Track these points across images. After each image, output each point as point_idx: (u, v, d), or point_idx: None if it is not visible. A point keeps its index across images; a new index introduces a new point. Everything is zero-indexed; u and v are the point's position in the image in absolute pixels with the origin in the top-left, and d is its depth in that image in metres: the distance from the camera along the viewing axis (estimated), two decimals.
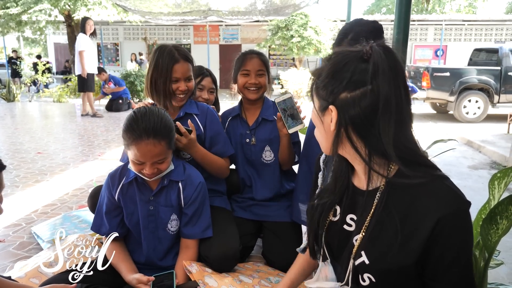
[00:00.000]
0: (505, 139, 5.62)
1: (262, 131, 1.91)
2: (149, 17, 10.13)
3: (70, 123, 6.59)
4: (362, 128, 0.78)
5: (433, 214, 0.73)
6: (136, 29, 17.12)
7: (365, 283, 0.83)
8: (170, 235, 1.57)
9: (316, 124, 0.86)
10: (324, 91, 0.80)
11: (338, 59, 0.80)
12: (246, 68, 1.84)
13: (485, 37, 15.69)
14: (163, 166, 1.44)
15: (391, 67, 0.75)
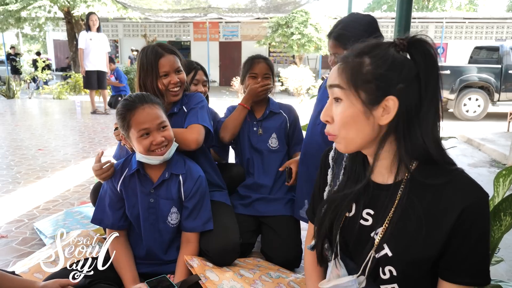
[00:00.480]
0: (505, 137, 5.62)
1: (268, 122, 2.07)
2: (149, 14, 10.11)
3: (70, 120, 6.59)
4: (411, 120, 0.79)
5: (457, 204, 0.76)
6: (136, 26, 17.11)
7: (385, 277, 0.84)
8: (170, 228, 1.58)
9: (356, 120, 0.81)
10: (376, 84, 0.78)
11: (383, 52, 0.79)
12: (254, 71, 2.02)
13: (486, 35, 15.68)
14: (168, 134, 1.47)
15: (433, 55, 0.79)
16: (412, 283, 0.83)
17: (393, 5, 25.21)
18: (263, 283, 1.46)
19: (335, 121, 0.84)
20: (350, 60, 0.82)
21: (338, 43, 1.60)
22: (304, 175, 1.82)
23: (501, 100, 7.84)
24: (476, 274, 0.79)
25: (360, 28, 1.63)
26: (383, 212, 0.84)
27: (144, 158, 1.47)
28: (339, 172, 0.99)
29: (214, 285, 1.39)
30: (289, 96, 11.02)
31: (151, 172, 1.55)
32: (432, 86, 0.78)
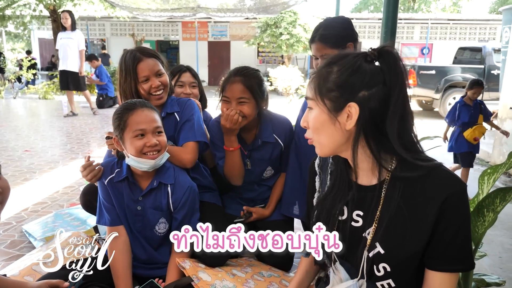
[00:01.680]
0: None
1: (261, 152, 1.82)
2: (137, 13, 10.03)
3: (57, 120, 6.51)
4: (376, 124, 0.83)
5: (439, 196, 0.80)
6: (124, 25, 16.93)
7: (380, 273, 0.87)
8: (158, 236, 1.57)
9: (324, 126, 0.87)
10: (339, 91, 0.83)
11: (349, 62, 0.84)
12: (225, 94, 1.68)
13: (469, 36, 15.98)
14: (163, 140, 1.47)
15: (398, 66, 0.83)
16: (405, 276, 0.87)
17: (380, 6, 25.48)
18: (255, 282, 1.48)
19: (310, 127, 0.91)
20: (320, 70, 0.88)
21: (324, 43, 1.66)
22: (296, 172, 1.85)
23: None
24: (460, 261, 0.83)
25: (339, 26, 1.70)
26: (371, 212, 0.88)
27: (134, 161, 1.46)
28: (325, 178, 1.04)
29: (207, 285, 1.41)
30: (278, 96, 11.06)
31: (140, 180, 1.54)
32: (396, 92, 0.82)
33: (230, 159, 1.74)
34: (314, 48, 1.69)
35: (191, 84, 2.13)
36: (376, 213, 0.87)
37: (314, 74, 0.89)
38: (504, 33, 5.61)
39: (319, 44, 1.66)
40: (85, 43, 6.88)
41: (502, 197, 1.00)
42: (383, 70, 0.83)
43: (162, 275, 1.57)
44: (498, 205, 1.01)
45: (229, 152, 1.73)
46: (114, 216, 1.55)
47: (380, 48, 0.84)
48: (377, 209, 0.87)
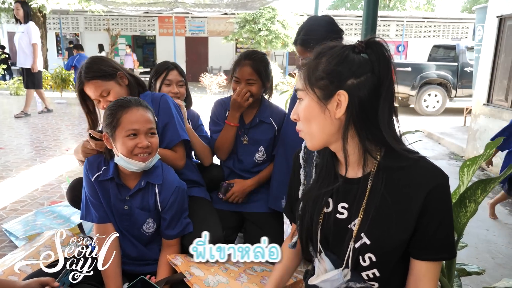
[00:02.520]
0: (462, 131, 5.97)
1: (257, 131, 1.94)
2: (112, 7, 9.81)
3: (31, 117, 6.31)
4: (366, 113, 0.84)
5: (424, 187, 0.83)
6: (98, 19, 16.52)
7: (365, 264, 0.89)
8: (145, 235, 1.56)
9: (314, 115, 0.88)
10: (328, 79, 0.84)
11: (337, 51, 0.85)
12: (236, 75, 1.85)
13: (443, 34, 16.44)
14: (155, 141, 1.44)
15: (387, 56, 0.84)
16: (390, 266, 0.89)
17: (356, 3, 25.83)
18: (248, 276, 1.49)
19: (300, 118, 0.91)
20: (309, 62, 0.89)
21: (304, 48, 1.71)
22: (283, 166, 1.88)
23: (458, 96, 8.30)
24: (443, 250, 0.86)
25: (322, 29, 1.74)
26: (357, 204, 0.90)
27: (123, 161, 1.42)
28: (310, 170, 1.04)
29: (200, 281, 1.41)
30: None
31: (126, 180, 1.51)
32: (386, 82, 0.84)
33: (226, 132, 1.89)
34: (297, 50, 1.75)
35: (178, 82, 2.08)
36: (362, 205, 0.89)
37: (304, 66, 0.90)
38: (478, 32, 5.81)
39: (300, 48, 1.72)
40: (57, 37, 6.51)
41: (483, 188, 1.05)
42: (371, 60, 0.84)
43: (152, 272, 1.56)
44: (479, 196, 1.06)
45: (229, 126, 1.87)
46: (102, 213, 1.52)
47: (368, 40, 0.86)
48: (363, 201, 0.89)
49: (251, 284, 1.44)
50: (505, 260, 2.26)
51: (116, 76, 1.69)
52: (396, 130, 0.87)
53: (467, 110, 6.52)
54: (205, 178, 1.98)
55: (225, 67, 15.96)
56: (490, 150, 1.12)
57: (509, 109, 3.90)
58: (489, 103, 4.31)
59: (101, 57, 1.77)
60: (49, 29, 15.38)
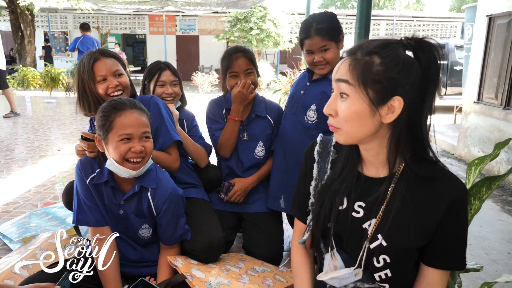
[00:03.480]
0: (453, 129, 6.04)
1: (254, 126, 1.95)
2: (102, 5, 9.70)
3: (21, 116, 6.20)
4: (413, 118, 0.83)
5: (447, 197, 0.83)
6: (87, 18, 16.30)
7: (379, 265, 0.89)
8: (143, 239, 1.53)
9: (361, 116, 0.84)
10: (387, 84, 0.81)
11: (393, 53, 0.82)
12: (234, 70, 1.86)
13: (432, 32, 16.62)
14: (149, 146, 1.39)
15: (438, 62, 0.82)
16: (403, 268, 0.90)
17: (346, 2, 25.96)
18: (250, 277, 1.49)
19: (339, 116, 0.86)
20: (359, 57, 0.84)
21: (322, 36, 1.67)
22: (282, 165, 1.87)
23: (447, 94, 8.39)
24: (456, 260, 0.88)
25: (331, 19, 1.72)
26: (377, 204, 0.88)
27: (114, 167, 1.37)
28: (325, 166, 1.02)
29: (201, 283, 1.40)
30: None
31: (122, 183, 1.47)
32: (434, 88, 0.82)
33: (230, 128, 1.89)
34: (310, 43, 1.69)
35: (172, 82, 2.03)
36: (382, 206, 0.88)
37: (352, 60, 0.84)
38: (467, 30, 5.88)
39: (317, 37, 1.66)
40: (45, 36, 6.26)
41: (488, 185, 1.06)
42: (421, 63, 0.82)
43: (152, 273, 1.54)
44: (484, 193, 1.07)
45: (232, 121, 1.88)
46: (99, 216, 1.47)
47: (420, 39, 0.83)
48: (384, 202, 0.88)
49: (253, 285, 1.44)
50: (499, 256, 2.29)
51: (125, 70, 1.70)
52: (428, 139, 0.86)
53: (457, 108, 6.60)
54: (202, 179, 1.96)
55: (216, 65, 15.87)
56: (498, 150, 1.13)
57: (499, 107, 3.96)
58: (479, 101, 4.36)
59: None
60: (37, 27, 15.15)
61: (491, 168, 4.00)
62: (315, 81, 1.79)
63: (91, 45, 7.16)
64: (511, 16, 3.81)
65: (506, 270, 2.11)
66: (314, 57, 1.70)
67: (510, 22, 3.82)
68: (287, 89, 5.93)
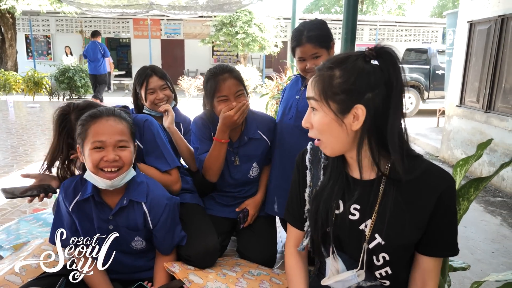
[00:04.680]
0: (436, 132, 6.18)
1: (247, 149, 1.85)
2: (86, 9, 9.60)
3: (3, 121, 6.09)
4: (379, 123, 0.87)
5: (435, 190, 0.88)
6: (70, 21, 16.08)
7: (379, 263, 0.94)
8: (135, 250, 1.50)
9: (330, 127, 0.89)
10: (346, 94, 0.86)
11: (352, 65, 0.87)
12: (223, 94, 1.68)
13: (414, 38, 16.96)
14: (125, 155, 1.30)
15: (398, 66, 0.87)
16: (401, 263, 0.94)
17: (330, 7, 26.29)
18: (247, 281, 1.51)
19: (314, 128, 0.93)
20: (322, 73, 0.90)
21: (313, 44, 1.69)
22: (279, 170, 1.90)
23: (430, 98, 8.59)
24: (449, 247, 0.93)
25: (322, 27, 1.76)
26: (370, 205, 0.93)
27: (90, 177, 1.32)
28: (317, 172, 1.06)
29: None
30: None
31: (108, 198, 1.40)
32: (397, 92, 0.87)
33: (216, 150, 1.74)
34: (302, 50, 1.72)
35: (161, 87, 2.01)
36: (375, 206, 0.92)
37: (316, 77, 0.91)
38: (449, 36, 6.05)
39: (308, 45, 1.69)
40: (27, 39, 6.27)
41: (475, 186, 1.11)
42: (383, 70, 0.86)
43: (148, 277, 1.54)
44: (472, 194, 1.13)
45: (218, 144, 1.73)
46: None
47: (379, 48, 0.88)
48: (376, 202, 0.92)
49: None
50: (483, 255, 2.36)
51: None
52: (405, 136, 0.90)
53: (440, 111, 6.76)
54: (196, 184, 1.97)
55: (201, 70, 15.88)
56: (481, 150, 1.18)
57: (481, 110, 4.08)
58: (461, 105, 4.49)
59: None
60: (19, 30, 14.87)
61: (474, 170, 4.12)
62: None
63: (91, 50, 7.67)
64: (491, 22, 3.95)
65: (491, 269, 2.18)
66: (306, 64, 1.73)
67: (490, 28, 3.96)
68: (274, 93, 5.97)
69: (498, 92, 3.88)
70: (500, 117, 3.80)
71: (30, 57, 15.94)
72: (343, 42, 2.58)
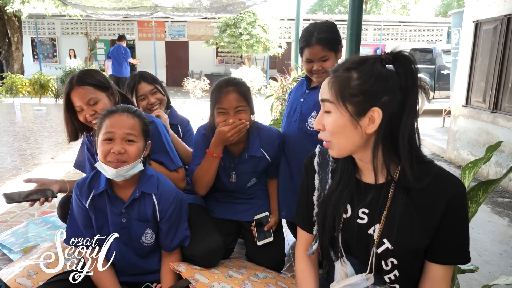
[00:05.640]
0: (441, 132, 6.15)
1: (246, 165, 1.81)
2: (91, 12, 9.66)
3: (10, 124, 6.14)
4: (392, 128, 0.87)
5: (445, 195, 0.87)
6: (75, 24, 16.20)
7: (387, 268, 0.93)
8: (145, 247, 1.53)
9: (345, 129, 0.89)
10: (364, 97, 0.86)
11: (370, 67, 0.87)
12: (222, 106, 1.64)
13: (418, 37, 16.90)
14: (131, 150, 1.37)
15: (414, 71, 0.87)
16: (410, 268, 0.94)
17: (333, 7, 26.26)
18: (253, 284, 1.51)
19: (327, 129, 0.92)
20: (339, 74, 0.90)
21: (322, 46, 1.69)
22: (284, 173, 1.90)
23: (435, 98, 8.55)
24: (460, 255, 0.91)
25: (332, 30, 1.75)
26: (378, 210, 0.93)
27: (100, 166, 1.39)
28: (326, 176, 1.06)
29: (205, 287, 1.42)
30: None
31: (121, 191, 1.47)
32: (412, 96, 0.87)
33: (208, 164, 1.71)
34: (311, 52, 1.71)
35: (151, 92, 2.04)
36: (384, 211, 0.91)
37: (332, 78, 0.91)
38: (454, 35, 6.02)
39: (318, 47, 1.69)
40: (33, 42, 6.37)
41: (484, 189, 1.11)
42: (399, 74, 0.87)
43: (156, 280, 1.56)
44: (481, 196, 1.12)
45: (211, 157, 1.69)
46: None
47: (396, 53, 0.88)
48: (385, 207, 0.91)
49: None
50: (491, 257, 2.35)
51: (108, 91, 1.67)
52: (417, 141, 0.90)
53: (445, 112, 6.72)
54: None
55: (206, 71, 15.92)
56: (490, 153, 1.18)
57: (487, 110, 4.06)
58: (467, 105, 4.47)
59: (96, 70, 1.76)
60: (25, 33, 14.99)
61: (481, 171, 4.09)
62: (314, 89, 1.83)
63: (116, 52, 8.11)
64: (497, 21, 3.92)
65: (499, 271, 2.17)
66: (313, 65, 1.73)
67: (496, 28, 3.94)
68: (278, 94, 5.97)
69: (505, 92, 3.85)
70: (507, 117, 3.77)
71: (36, 60, 16.06)
72: (348, 43, 2.58)
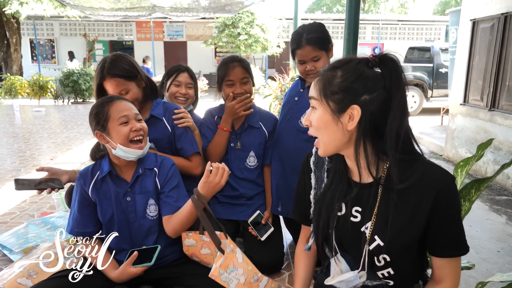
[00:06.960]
0: (440, 131, 6.17)
1: (247, 136, 2.00)
2: (90, 13, 9.67)
3: (10, 126, 6.15)
4: (376, 126, 0.89)
5: (431, 190, 0.88)
6: (74, 25, 16.20)
7: (380, 264, 0.95)
8: (150, 221, 1.57)
9: (327, 125, 0.93)
10: (344, 94, 0.89)
11: (353, 67, 0.90)
12: (230, 78, 1.89)
13: (417, 36, 16.92)
14: (144, 126, 1.53)
15: (399, 72, 0.89)
16: (403, 264, 0.95)
17: (332, 6, 26.27)
18: None
19: (313, 125, 0.96)
20: (325, 73, 0.94)
21: (313, 46, 1.74)
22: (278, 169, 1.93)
23: (434, 96, 8.57)
24: (457, 246, 0.92)
25: (321, 29, 1.80)
26: (369, 208, 0.95)
27: (122, 152, 1.47)
28: (321, 175, 1.09)
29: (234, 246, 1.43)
30: None
31: (123, 173, 1.56)
32: (398, 96, 0.88)
33: (219, 137, 1.95)
34: (302, 53, 1.76)
35: (187, 84, 2.18)
36: (374, 209, 0.94)
37: (319, 77, 0.95)
38: (451, 34, 6.04)
39: (309, 47, 1.74)
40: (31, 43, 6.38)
41: (477, 187, 1.12)
42: (384, 75, 0.89)
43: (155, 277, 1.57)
44: (473, 195, 1.14)
45: (221, 131, 1.94)
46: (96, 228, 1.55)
47: (382, 55, 0.90)
48: (375, 205, 0.94)
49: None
50: (489, 254, 2.36)
51: (137, 78, 1.77)
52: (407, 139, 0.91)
53: (443, 110, 6.74)
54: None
55: (204, 71, 15.93)
56: (481, 151, 1.19)
57: (485, 109, 4.08)
58: (465, 103, 4.48)
59: (125, 55, 1.80)
60: (23, 35, 15.00)
61: (479, 169, 4.11)
62: (308, 88, 1.85)
63: None
64: (494, 20, 3.94)
65: (496, 268, 2.18)
66: (306, 66, 1.78)
67: (493, 26, 3.95)
68: (277, 94, 5.99)
69: (502, 90, 3.87)
70: (504, 115, 3.79)
71: (35, 61, 16.07)
72: (346, 42, 2.59)
